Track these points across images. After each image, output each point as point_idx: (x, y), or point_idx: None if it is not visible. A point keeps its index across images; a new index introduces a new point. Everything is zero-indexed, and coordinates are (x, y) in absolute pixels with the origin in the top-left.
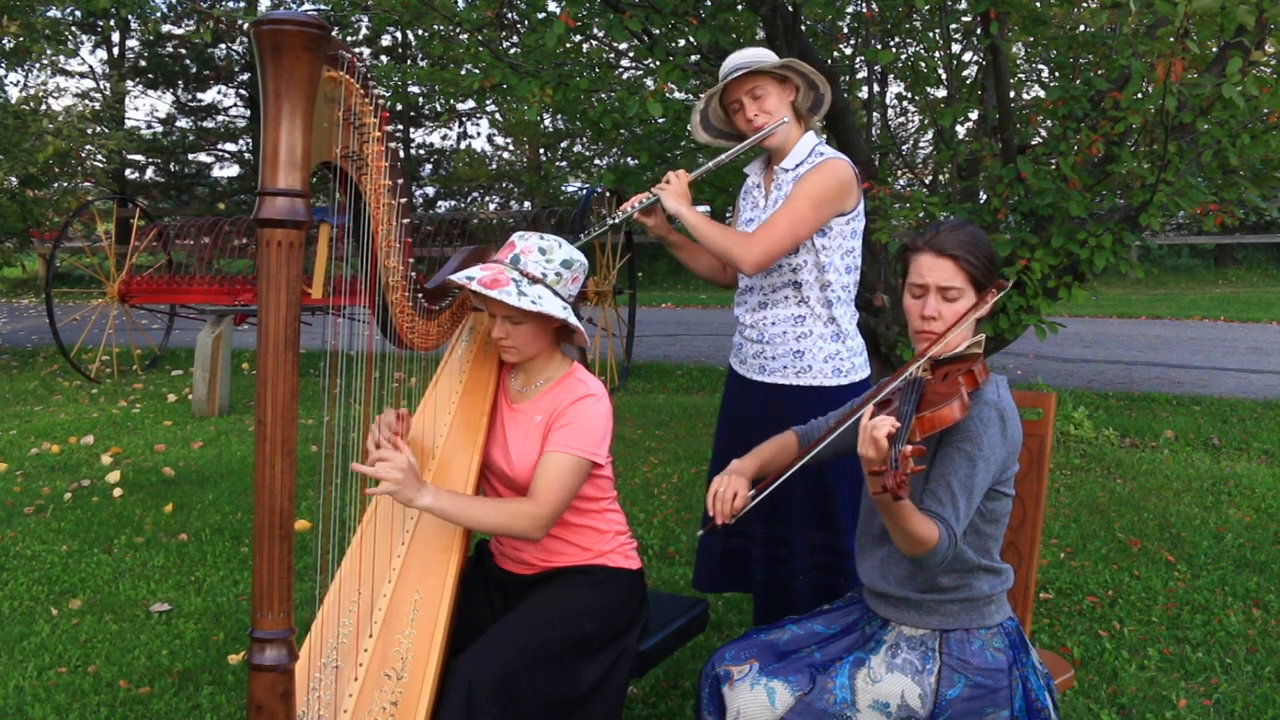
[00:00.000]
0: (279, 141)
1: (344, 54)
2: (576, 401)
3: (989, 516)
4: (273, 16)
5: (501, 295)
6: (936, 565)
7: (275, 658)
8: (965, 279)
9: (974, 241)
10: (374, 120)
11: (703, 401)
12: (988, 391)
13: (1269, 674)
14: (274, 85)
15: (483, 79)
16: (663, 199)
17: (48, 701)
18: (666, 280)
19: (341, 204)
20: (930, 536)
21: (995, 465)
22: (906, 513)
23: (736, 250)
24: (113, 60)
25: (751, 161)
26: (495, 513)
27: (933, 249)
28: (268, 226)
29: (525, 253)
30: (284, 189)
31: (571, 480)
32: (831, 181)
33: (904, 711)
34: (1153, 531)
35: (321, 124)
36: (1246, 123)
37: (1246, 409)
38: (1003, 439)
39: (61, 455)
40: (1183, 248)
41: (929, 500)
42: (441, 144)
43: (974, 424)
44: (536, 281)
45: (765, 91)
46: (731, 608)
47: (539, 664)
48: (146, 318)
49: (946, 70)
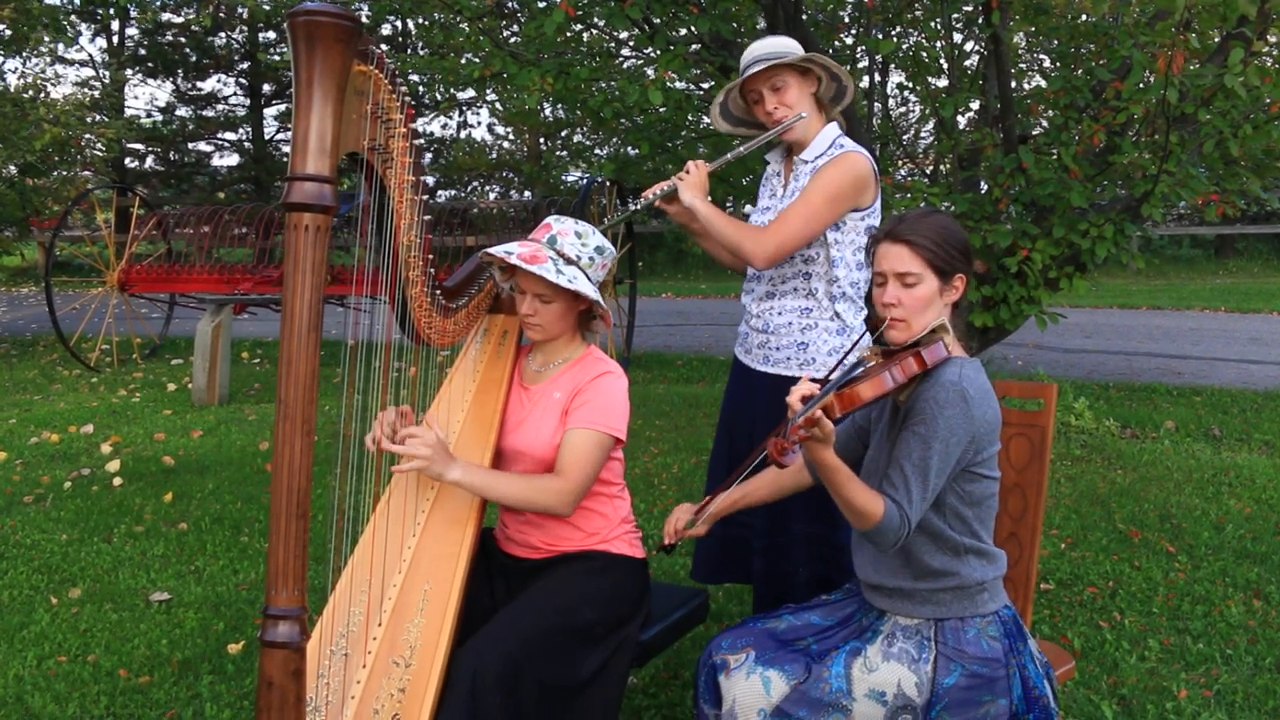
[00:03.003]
0: (309, 128)
1: (374, 49)
2: (597, 378)
3: (968, 499)
4: (308, 8)
5: (541, 271)
6: (891, 544)
7: (288, 634)
8: (922, 264)
9: (934, 227)
10: (400, 116)
11: (703, 391)
12: (946, 372)
13: (1270, 664)
14: (306, 74)
15: (483, 68)
16: (680, 189)
17: (47, 690)
18: (666, 270)
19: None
20: (873, 510)
21: (957, 445)
22: (842, 478)
23: (748, 244)
24: (112, 48)
25: (773, 149)
26: (523, 486)
27: (890, 237)
28: (296, 210)
29: (562, 235)
30: (313, 174)
31: (597, 455)
32: (848, 176)
33: (900, 701)
34: (1153, 522)
35: (350, 115)
36: (1248, 113)
37: (1247, 400)
38: (966, 419)
39: (61, 444)
40: (1184, 238)
41: (884, 484)
42: (442, 133)
43: (928, 405)
44: (571, 263)
45: (786, 84)
46: (732, 598)
47: (542, 652)
48: (146, 307)
49: (948, 60)
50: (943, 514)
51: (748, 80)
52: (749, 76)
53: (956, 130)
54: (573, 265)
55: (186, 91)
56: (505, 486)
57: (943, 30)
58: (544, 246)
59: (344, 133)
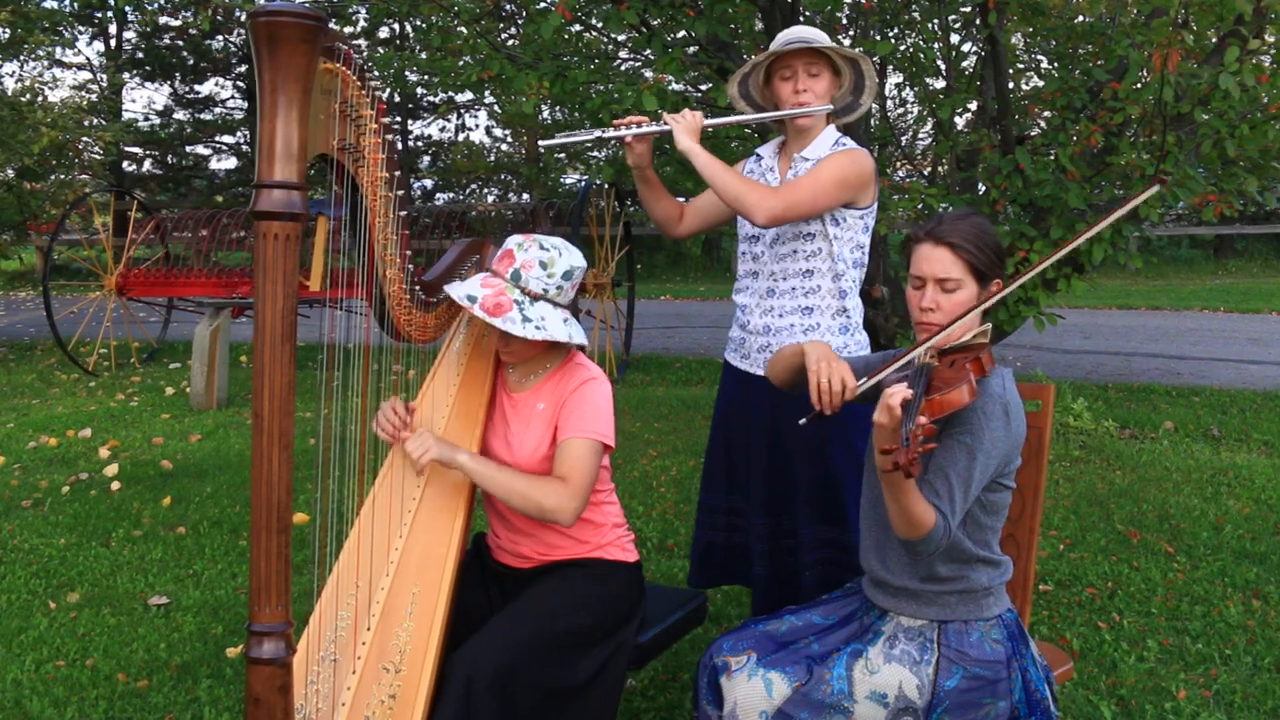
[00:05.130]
0: (275, 134)
1: (340, 45)
2: (582, 386)
3: (989, 509)
4: (269, 8)
5: (505, 325)
6: (930, 553)
7: (273, 651)
8: (964, 269)
9: (975, 231)
10: (370, 112)
11: (701, 394)
12: (993, 383)
13: (1269, 665)
14: (270, 77)
15: (480, 70)
16: (675, 132)
17: (46, 695)
18: (665, 272)
19: (339, 196)
20: (927, 520)
21: (996, 459)
22: (910, 492)
23: (753, 198)
24: (110, 52)
25: (768, 143)
26: (526, 482)
27: (931, 238)
28: (264, 219)
29: (526, 267)
30: (280, 181)
31: (593, 463)
32: (856, 167)
33: (902, 702)
34: (1152, 523)
35: (318, 116)
36: (1245, 113)
37: (1246, 400)
38: (1006, 433)
39: (59, 448)
40: (1182, 238)
41: (926, 490)
42: (440, 136)
43: (976, 416)
44: (538, 299)
45: (821, 72)
46: (730, 600)
47: (537, 657)
48: (144, 310)
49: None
50: (963, 524)
51: (788, 54)
52: (792, 50)
53: (954, 131)
54: (539, 300)
55: (184, 95)
56: (508, 481)
57: (940, 31)
58: (508, 286)
59: (312, 134)
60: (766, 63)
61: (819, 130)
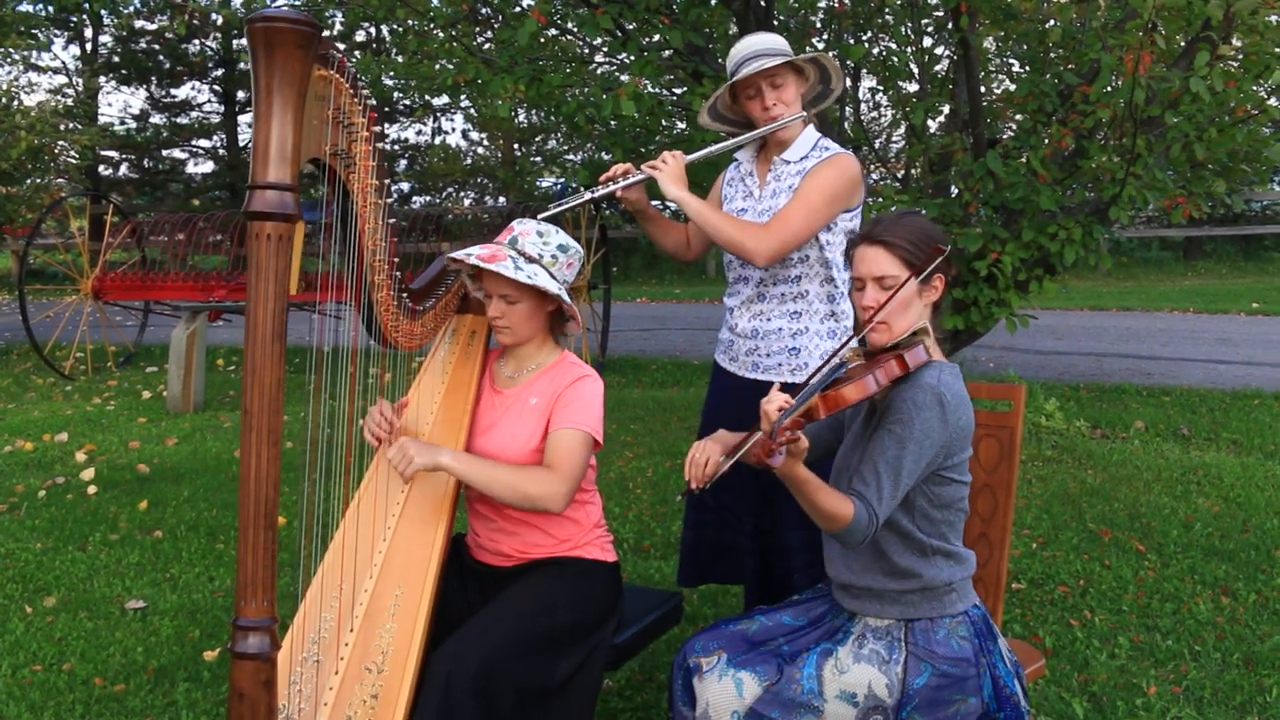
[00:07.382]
0: (270, 136)
1: (334, 53)
2: (576, 382)
3: (937, 502)
4: (266, 14)
5: (499, 268)
6: (858, 543)
7: (258, 645)
8: (900, 265)
9: (909, 228)
10: (363, 120)
11: (677, 396)
12: (926, 375)
13: (1237, 660)
14: (266, 81)
15: (456, 74)
16: (660, 182)
17: (22, 700)
18: (641, 275)
19: (317, 201)
20: (843, 513)
21: (930, 449)
22: (811, 489)
23: (750, 242)
24: (85, 56)
25: (745, 148)
26: (513, 474)
27: (867, 240)
28: (257, 219)
29: (523, 235)
30: (274, 182)
31: (584, 454)
32: (844, 177)
33: (871, 702)
34: (1123, 521)
35: (311, 121)
36: (1214, 116)
37: (1215, 399)
38: (942, 424)
39: (36, 453)
40: (1152, 240)
41: (856, 480)
42: (416, 139)
43: (906, 406)
44: (533, 261)
45: (785, 81)
46: (706, 601)
47: (516, 656)
48: (121, 314)
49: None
50: (911, 515)
51: (747, 76)
52: (752, 74)
53: (927, 135)
54: (534, 263)
55: (160, 98)
56: (494, 473)
57: (913, 35)
58: (505, 247)
59: (305, 139)
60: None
61: (797, 131)
